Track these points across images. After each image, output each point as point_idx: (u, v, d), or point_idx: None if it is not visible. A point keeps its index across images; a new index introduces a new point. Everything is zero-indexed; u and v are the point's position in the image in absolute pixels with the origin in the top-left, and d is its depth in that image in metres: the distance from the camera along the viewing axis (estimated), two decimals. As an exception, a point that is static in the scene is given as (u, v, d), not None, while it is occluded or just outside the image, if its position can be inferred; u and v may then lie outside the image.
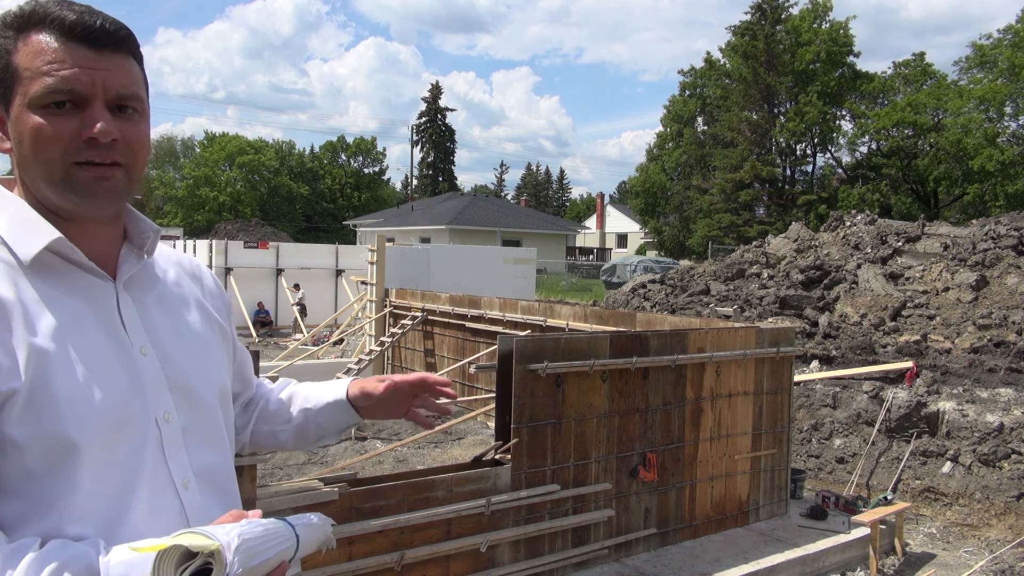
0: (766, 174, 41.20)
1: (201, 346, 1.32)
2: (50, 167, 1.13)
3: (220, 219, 50.61)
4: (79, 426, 1.08)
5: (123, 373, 1.15)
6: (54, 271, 1.15)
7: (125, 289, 1.22)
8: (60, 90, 1.12)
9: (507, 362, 4.69)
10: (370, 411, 1.56)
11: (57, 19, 1.13)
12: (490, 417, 7.84)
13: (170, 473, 1.18)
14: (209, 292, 1.42)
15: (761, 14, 42.21)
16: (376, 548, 4.10)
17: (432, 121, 72.14)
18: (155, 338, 1.23)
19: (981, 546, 6.23)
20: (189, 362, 1.27)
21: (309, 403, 1.55)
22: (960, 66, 37.23)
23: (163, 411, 1.19)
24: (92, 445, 1.08)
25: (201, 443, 1.25)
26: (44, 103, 1.12)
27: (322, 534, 1.19)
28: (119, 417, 1.12)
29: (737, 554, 5.30)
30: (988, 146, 33.09)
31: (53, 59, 1.12)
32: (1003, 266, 11.51)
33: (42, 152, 1.13)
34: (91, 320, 1.15)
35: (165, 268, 1.35)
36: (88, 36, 1.14)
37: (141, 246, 1.27)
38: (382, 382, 1.53)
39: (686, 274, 15.91)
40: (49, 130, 1.12)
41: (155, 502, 1.15)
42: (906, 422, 7.37)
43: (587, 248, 59.02)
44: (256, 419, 1.56)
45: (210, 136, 64.83)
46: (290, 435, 1.56)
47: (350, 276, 18.13)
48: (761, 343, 5.90)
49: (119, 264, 1.23)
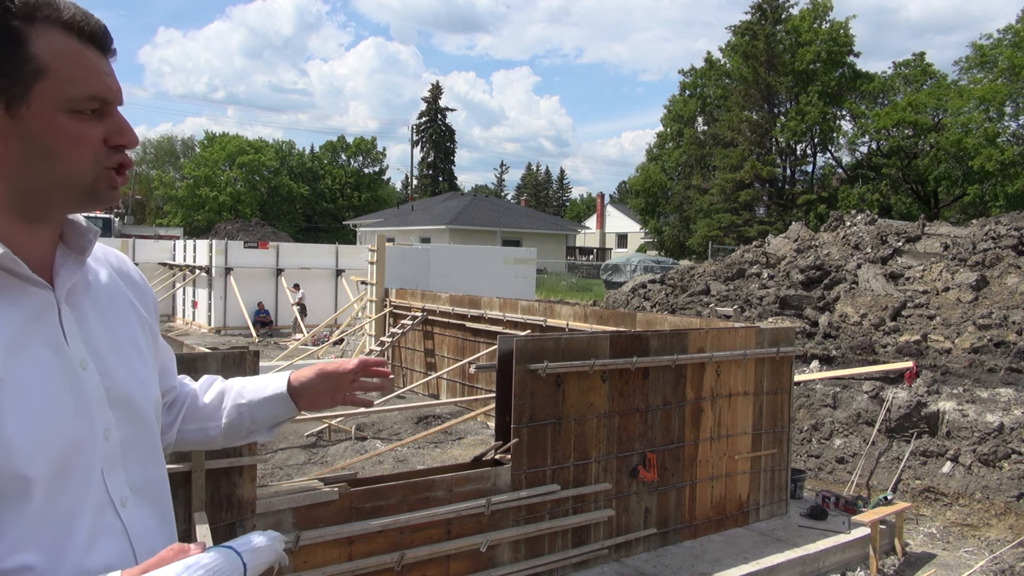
0: (766, 174, 41.22)
1: (137, 355, 1.26)
2: (80, 172, 1.09)
3: (220, 219, 50.61)
4: (30, 461, 1.02)
5: (69, 394, 1.09)
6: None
7: (65, 298, 1.15)
8: (98, 97, 1.10)
9: (507, 362, 4.69)
10: (309, 401, 1.54)
11: (70, 17, 1.08)
12: (490, 417, 7.84)
13: (108, 492, 1.12)
14: (138, 290, 1.35)
15: (761, 14, 42.23)
16: (376, 548, 4.10)
17: (432, 121, 72.16)
18: (94, 349, 1.16)
19: (981, 546, 6.23)
20: (126, 374, 1.21)
21: (243, 399, 1.51)
22: (960, 66, 37.27)
23: (104, 428, 1.13)
24: (43, 476, 1.04)
25: (137, 457, 1.20)
26: (81, 108, 1.08)
27: (272, 555, 1.13)
28: (70, 444, 1.07)
29: (737, 554, 5.30)
30: (988, 146, 33.09)
31: (87, 64, 1.09)
32: (1003, 266, 11.51)
33: (77, 157, 1.09)
34: (34, 337, 1.08)
35: (97, 269, 1.27)
36: (100, 39, 1.12)
37: (82, 250, 1.19)
38: (315, 370, 1.53)
39: (686, 274, 15.91)
40: (88, 135, 1.09)
41: (97, 522, 1.10)
42: (906, 422, 7.36)
43: (587, 248, 59.01)
44: (183, 417, 1.51)
45: (210, 136, 64.83)
46: (220, 432, 1.52)
47: (350, 276, 18.13)
48: (761, 343, 5.90)
49: (56, 270, 1.15)
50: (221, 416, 1.51)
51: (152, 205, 63.81)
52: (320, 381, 1.52)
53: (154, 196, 62.93)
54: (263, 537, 1.13)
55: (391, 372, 1.61)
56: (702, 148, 45.82)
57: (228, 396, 1.52)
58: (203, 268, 19.03)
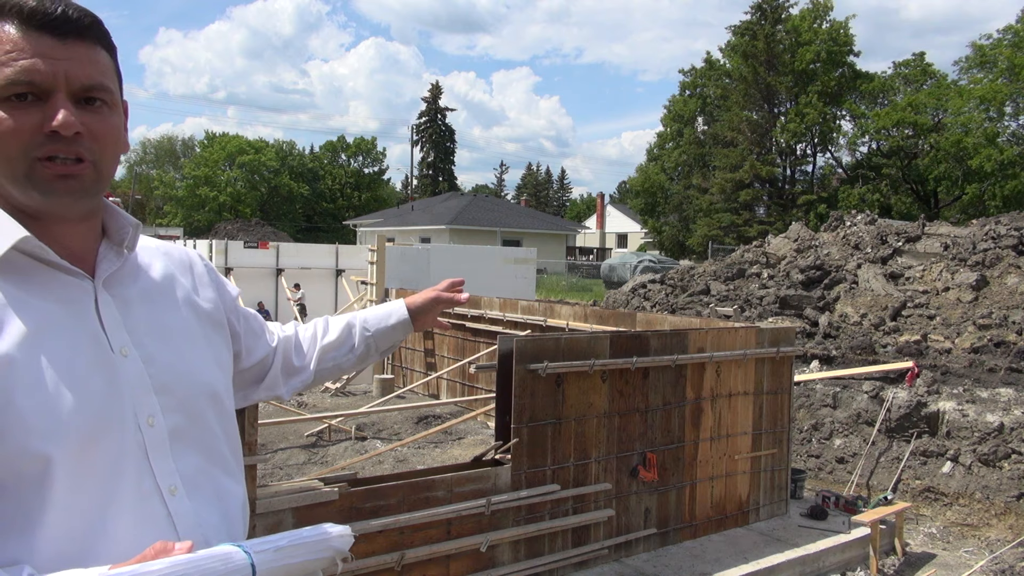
0: (766, 174, 41.22)
1: (189, 343, 1.26)
2: (12, 163, 1.07)
3: (220, 219, 50.64)
4: (49, 439, 1.02)
5: (99, 377, 1.09)
6: (24, 273, 1.09)
7: (105, 287, 1.16)
8: (19, 81, 1.05)
9: (507, 362, 4.68)
10: (423, 322, 1.81)
11: (16, 6, 1.06)
12: (490, 417, 7.84)
13: (155, 479, 1.12)
14: (201, 282, 1.36)
15: (761, 14, 42.23)
16: (376, 548, 4.10)
17: (432, 121, 72.14)
18: (138, 338, 1.17)
19: (981, 546, 6.23)
20: (176, 361, 1.21)
21: (369, 331, 1.71)
22: (960, 66, 37.26)
23: (147, 415, 1.13)
24: (65, 457, 1.03)
25: (190, 446, 1.19)
26: (4, 95, 1.05)
27: (312, 553, 1.00)
28: (94, 425, 1.07)
29: (737, 554, 5.30)
30: (988, 146, 33.08)
31: (11, 48, 1.05)
32: (1003, 266, 11.51)
33: (3, 147, 1.06)
34: (65, 322, 1.09)
35: (150, 262, 1.28)
36: (49, 24, 1.07)
37: (120, 242, 1.21)
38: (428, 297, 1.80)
39: (686, 274, 15.91)
40: (9, 123, 1.05)
41: (140, 510, 1.09)
42: (906, 422, 7.36)
43: (587, 248, 59.01)
44: (318, 357, 1.65)
45: (210, 136, 64.84)
46: (353, 362, 1.71)
47: (350, 276, 18.12)
48: (761, 343, 5.90)
49: (98, 262, 1.17)
50: (353, 347, 1.70)
51: (152, 205, 63.79)
52: (433, 304, 1.78)
53: (154, 196, 62.93)
54: (314, 532, 1.02)
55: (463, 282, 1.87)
56: (702, 148, 45.82)
57: (355, 330, 1.70)
58: (203, 268, 19.02)
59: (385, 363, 12.23)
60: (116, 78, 1.17)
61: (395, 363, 12.21)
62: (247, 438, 3.57)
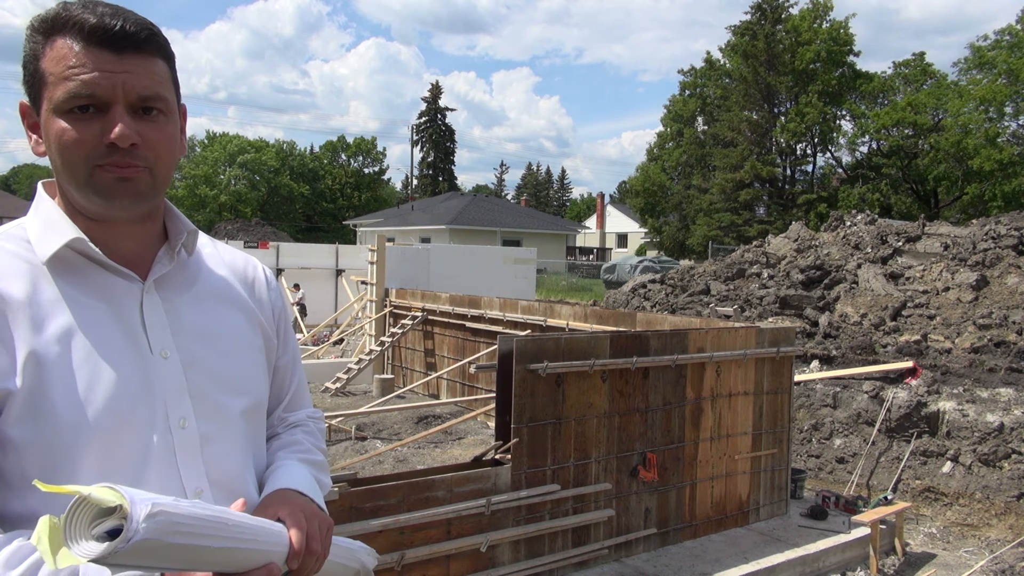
0: (766, 174, 41.18)
1: (237, 351, 1.29)
2: (74, 171, 1.14)
3: (220, 219, 50.65)
4: (77, 431, 1.07)
5: (133, 376, 1.14)
6: (77, 271, 1.16)
7: (156, 290, 1.21)
8: (81, 95, 1.12)
9: (507, 362, 4.68)
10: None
11: (78, 23, 1.13)
12: (490, 417, 7.84)
13: (182, 481, 1.15)
14: (259, 297, 1.39)
15: (761, 14, 42.20)
16: (376, 548, 4.08)
17: (432, 121, 72.10)
18: (182, 341, 1.21)
19: (981, 546, 6.23)
20: (219, 367, 1.24)
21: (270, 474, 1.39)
22: (959, 67, 37.24)
23: (179, 417, 1.17)
24: (91, 450, 1.08)
25: (223, 452, 1.22)
26: (67, 108, 1.13)
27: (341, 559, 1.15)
28: (121, 422, 1.11)
29: (737, 554, 5.30)
30: (988, 146, 33.07)
31: (75, 63, 1.13)
32: (1003, 266, 11.51)
33: (67, 156, 1.14)
34: (105, 320, 1.15)
35: (212, 268, 1.33)
36: (109, 39, 1.14)
37: (176, 246, 1.26)
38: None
39: (686, 274, 15.91)
40: (72, 135, 1.13)
41: None
42: (906, 422, 7.36)
43: (587, 248, 58.99)
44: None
45: (211, 135, 64.84)
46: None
47: (350, 276, 18.12)
48: (761, 343, 5.89)
49: (153, 264, 1.23)
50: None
51: (152, 205, 63.59)
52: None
53: (154, 196, 62.69)
54: (348, 541, 1.16)
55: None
56: (702, 148, 45.79)
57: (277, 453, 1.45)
58: (203, 268, 19.01)
59: (385, 363, 12.22)
60: (173, 86, 1.23)
61: (395, 363, 12.21)
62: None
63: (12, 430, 1.05)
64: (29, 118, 1.20)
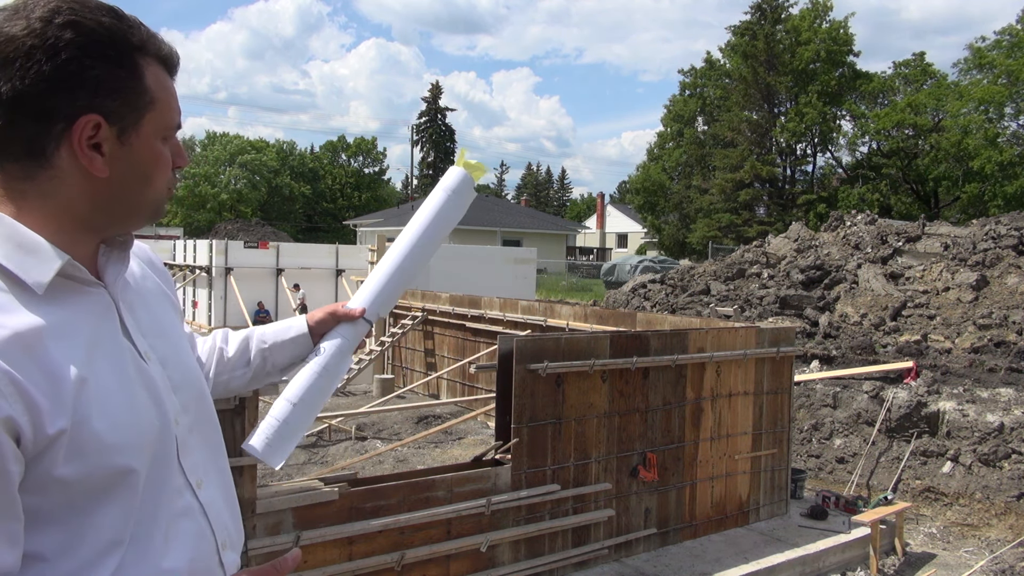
0: (766, 174, 41.18)
1: (181, 339, 1.31)
2: (160, 193, 1.18)
3: (220, 219, 50.65)
4: (132, 454, 1.06)
5: (142, 386, 1.12)
6: (58, 294, 1.07)
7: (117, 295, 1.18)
8: (176, 124, 1.19)
9: (507, 362, 4.68)
10: (320, 337, 1.62)
11: (155, 49, 1.15)
12: (490, 417, 7.84)
13: (186, 476, 1.17)
14: (165, 277, 1.39)
15: (761, 14, 42.20)
16: (376, 548, 4.10)
17: (432, 121, 72.09)
18: (150, 341, 1.19)
19: (981, 546, 6.23)
20: (179, 358, 1.25)
21: (265, 343, 1.57)
22: (959, 68, 37.24)
23: (173, 415, 1.17)
24: (144, 467, 1.08)
25: (202, 439, 1.25)
26: (170, 135, 1.18)
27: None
28: (155, 433, 1.11)
29: (737, 554, 5.30)
30: (988, 147, 33.06)
31: (170, 90, 1.17)
32: (1003, 266, 11.51)
33: (160, 180, 1.17)
34: (104, 336, 1.11)
35: (131, 264, 1.27)
36: (174, 68, 1.19)
37: (121, 246, 1.18)
38: (328, 311, 1.60)
39: (686, 274, 15.91)
40: (167, 160, 1.18)
41: (178, 505, 1.15)
42: (906, 422, 7.36)
43: (587, 248, 58.99)
44: (214, 371, 1.55)
45: (211, 135, 64.84)
46: (247, 379, 1.58)
47: (350, 276, 18.13)
48: (761, 343, 5.89)
49: (101, 267, 1.16)
50: (249, 363, 1.57)
51: (152, 205, 63.60)
52: (331, 319, 1.59)
53: (154, 196, 62.68)
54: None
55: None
56: (702, 148, 45.77)
57: (252, 342, 1.58)
58: (203, 268, 19.02)
59: (385, 363, 12.23)
60: None
61: (395, 363, 12.21)
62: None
63: (62, 469, 0.99)
64: (96, 136, 1.07)
